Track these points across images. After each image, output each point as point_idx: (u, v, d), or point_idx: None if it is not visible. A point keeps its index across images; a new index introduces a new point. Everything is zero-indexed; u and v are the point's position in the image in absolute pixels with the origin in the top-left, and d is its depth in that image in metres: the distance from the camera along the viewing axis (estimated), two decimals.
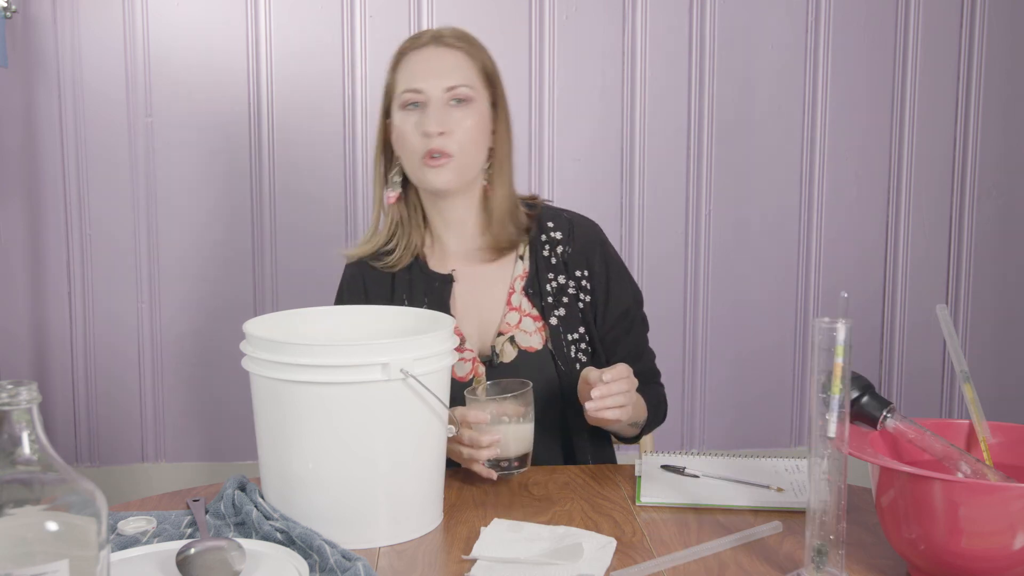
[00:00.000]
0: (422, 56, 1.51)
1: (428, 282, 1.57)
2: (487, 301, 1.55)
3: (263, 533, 1.15)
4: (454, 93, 1.49)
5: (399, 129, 1.51)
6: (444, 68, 1.50)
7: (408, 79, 1.51)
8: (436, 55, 1.51)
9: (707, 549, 1.15)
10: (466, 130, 1.49)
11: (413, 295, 1.57)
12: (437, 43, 1.51)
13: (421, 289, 1.57)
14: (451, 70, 1.50)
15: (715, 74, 2.67)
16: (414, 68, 1.51)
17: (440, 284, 1.56)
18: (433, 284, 1.57)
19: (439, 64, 1.50)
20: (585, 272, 1.57)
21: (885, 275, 2.82)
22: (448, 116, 1.48)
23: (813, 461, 1.03)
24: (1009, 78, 2.78)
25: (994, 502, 0.98)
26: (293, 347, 1.15)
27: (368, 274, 1.60)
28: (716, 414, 2.79)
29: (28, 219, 2.50)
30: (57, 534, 0.77)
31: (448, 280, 1.57)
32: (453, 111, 1.49)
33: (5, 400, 0.77)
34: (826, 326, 1.01)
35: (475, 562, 1.12)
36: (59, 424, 2.58)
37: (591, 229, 1.61)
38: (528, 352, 1.53)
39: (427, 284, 1.57)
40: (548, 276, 1.56)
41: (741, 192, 2.72)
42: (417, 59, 1.52)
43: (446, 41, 1.52)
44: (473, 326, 1.55)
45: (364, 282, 1.60)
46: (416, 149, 1.49)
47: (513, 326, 1.54)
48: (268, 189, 2.56)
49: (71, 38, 2.46)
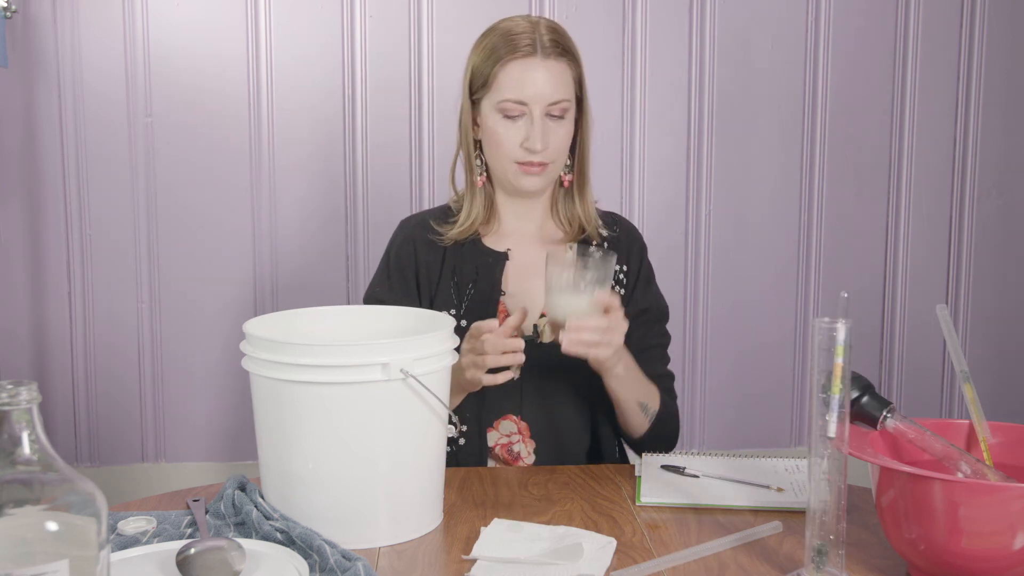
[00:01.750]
0: (528, 67, 1.51)
1: (481, 257, 1.59)
2: (537, 282, 1.56)
3: (263, 533, 1.15)
4: (557, 108, 1.52)
5: (496, 133, 1.53)
6: (550, 83, 1.51)
7: (512, 89, 1.51)
8: (543, 68, 1.51)
9: (707, 549, 1.15)
10: (560, 138, 1.53)
11: (464, 269, 1.59)
12: (544, 55, 1.51)
13: (473, 264, 1.59)
14: (556, 85, 1.51)
15: (715, 74, 2.67)
16: (520, 78, 1.51)
17: (494, 260, 1.59)
18: (487, 260, 1.59)
19: (545, 78, 1.51)
20: (624, 267, 1.63)
21: (885, 275, 2.82)
22: (549, 130, 1.52)
23: (813, 461, 1.03)
24: (1009, 78, 2.78)
25: (994, 502, 0.98)
26: (293, 347, 1.15)
27: (420, 240, 1.62)
28: (716, 414, 2.79)
29: (28, 219, 2.50)
30: (57, 534, 0.77)
31: (503, 258, 1.60)
32: (553, 124, 1.52)
33: (5, 400, 0.77)
34: (826, 326, 1.01)
35: (475, 562, 1.12)
36: (59, 424, 2.58)
37: (636, 231, 1.69)
38: None
39: (480, 259, 1.59)
40: None
41: (741, 192, 2.72)
42: (523, 69, 1.51)
43: (550, 51, 1.52)
44: (520, 304, 1.57)
45: (415, 248, 1.61)
46: (513, 156, 1.53)
47: None
48: (268, 189, 2.56)
49: (71, 38, 2.46)
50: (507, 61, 1.51)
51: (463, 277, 1.58)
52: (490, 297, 1.56)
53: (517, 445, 1.57)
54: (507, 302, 1.58)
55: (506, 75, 1.51)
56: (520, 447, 1.57)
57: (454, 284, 1.58)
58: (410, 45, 2.55)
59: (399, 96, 2.56)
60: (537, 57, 1.51)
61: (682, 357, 2.74)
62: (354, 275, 2.60)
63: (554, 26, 1.56)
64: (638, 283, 1.64)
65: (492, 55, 1.53)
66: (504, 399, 1.55)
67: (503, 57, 1.52)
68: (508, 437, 1.57)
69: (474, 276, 1.58)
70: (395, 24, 2.54)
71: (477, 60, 1.56)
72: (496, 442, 1.57)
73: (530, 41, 1.51)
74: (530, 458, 1.57)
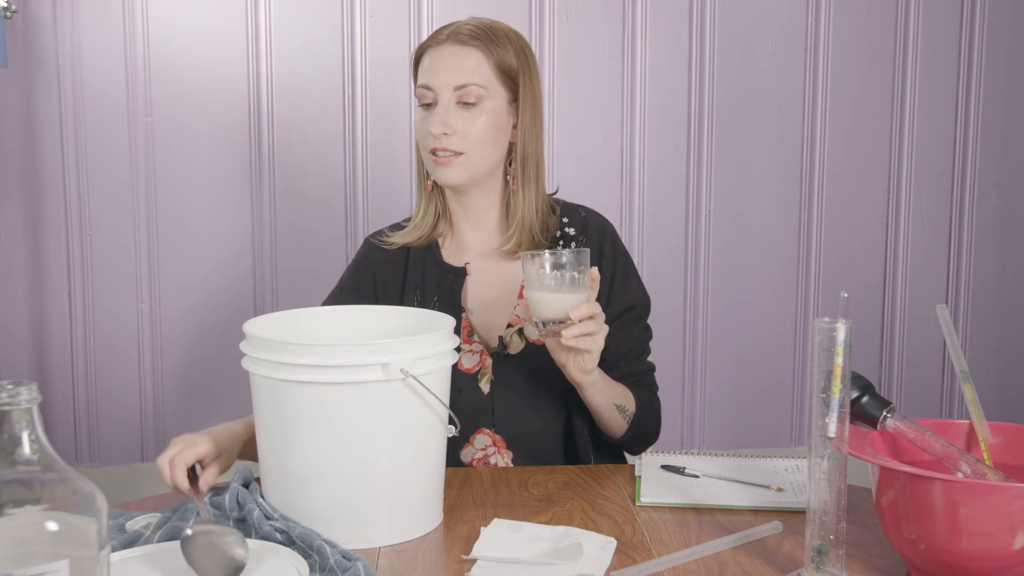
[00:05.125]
0: (437, 54, 1.51)
1: (441, 274, 1.58)
2: (499, 294, 1.56)
3: (263, 533, 1.15)
4: (462, 93, 1.49)
5: (415, 125, 1.54)
6: (455, 67, 1.49)
7: (422, 75, 1.52)
8: (450, 53, 1.50)
9: (707, 549, 1.15)
10: (476, 128, 1.49)
11: (426, 284, 1.58)
12: (453, 40, 1.50)
13: (434, 281, 1.58)
14: (462, 69, 1.49)
15: (715, 74, 2.67)
16: (428, 65, 1.52)
17: (453, 277, 1.58)
18: (446, 276, 1.58)
19: (451, 63, 1.49)
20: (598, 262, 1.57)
21: (885, 275, 2.82)
22: (456, 116, 1.48)
23: (813, 461, 1.03)
24: (1009, 78, 2.78)
25: (994, 502, 0.98)
26: (293, 347, 1.15)
27: (376, 257, 1.61)
28: (716, 414, 2.79)
29: (28, 219, 2.50)
30: (57, 534, 0.77)
31: (461, 273, 1.58)
32: (462, 111, 1.49)
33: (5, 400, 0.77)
34: (826, 326, 1.01)
35: (475, 562, 1.12)
36: (59, 424, 2.58)
37: (604, 226, 1.62)
38: (536, 344, 1.53)
39: (440, 276, 1.58)
40: None
41: (741, 192, 2.72)
42: (432, 56, 1.52)
43: (461, 39, 1.50)
44: (483, 318, 1.56)
45: (372, 265, 1.61)
46: (426, 146, 1.51)
47: (523, 319, 1.55)
48: (268, 189, 2.56)
49: (71, 38, 2.46)
50: (424, 51, 1.53)
51: (426, 292, 1.57)
52: (452, 314, 1.54)
53: (494, 457, 1.55)
54: (471, 319, 1.56)
55: (422, 64, 1.53)
56: (496, 459, 1.55)
57: (417, 301, 1.57)
58: (410, 45, 2.55)
59: (399, 96, 2.56)
60: (447, 44, 1.51)
61: (682, 357, 2.74)
62: None
63: (485, 21, 1.54)
64: (615, 276, 1.58)
65: (418, 50, 1.55)
66: (477, 414, 1.54)
67: (423, 49, 1.54)
68: (484, 451, 1.55)
69: (435, 295, 1.57)
70: (395, 24, 2.54)
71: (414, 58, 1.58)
72: (472, 457, 1.55)
73: (448, 33, 1.52)
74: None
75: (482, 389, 1.54)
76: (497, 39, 1.52)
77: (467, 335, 1.55)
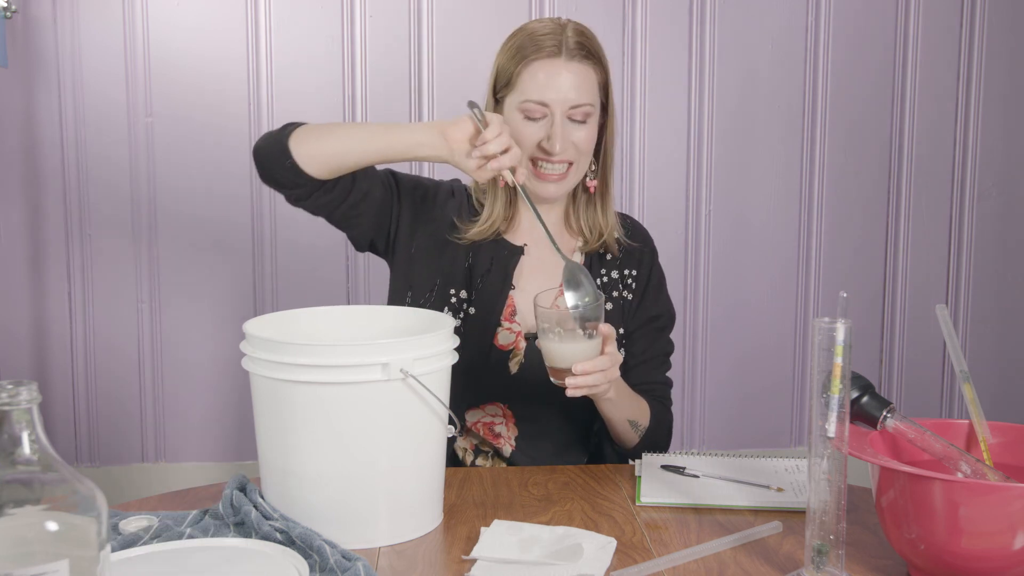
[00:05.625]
0: (551, 69, 1.49)
1: (498, 249, 1.59)
2: (549, 284, 1.56)
3: (263, 533, 1.15)
4: (579, 112, 1.50)
5: (516, 132, 1.50)
6: (572, 85, 1.49)
7: (535, 91, 1.50)
8: (565, 70, 1.49)
9: (707, 549, 1.15)
10: (581, 141, 1.52)
11: (480, 256, 1.58)
12: (568, 57, 1.50)
13: (489, 254, 1.58)
14: (579, 89, 1.50)
15: (715, 74, 2.67)
16: (543, 79, 1.49)
17: (509, 253, 1.59)
18: (502, 252, 1.59)
19: (567, 81, 1.49)
20: (634, 272, 1.62)
21: (885, 275, 2.82)
22: (569, 132, 1.50)
23: (813, 461, 1.03)
24: (1009, 78, 2.78)
25: (994, 502, 0.98)
26: (293, 347, 1.15)
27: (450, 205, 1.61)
28: (716, 414, 2.79)
29: (28, 219, 2.50)
30: (57, 534, 0.77)
31: (518, 251, 1.59)
32: (574, 127, 1.51)
33: (5, 400, 0.76)
34: (826, 326, 1.01)
35: (475, 562, 1.12)
36: (59, 424, 2.58)
37: (647, 236, 1.68)
38: None
39: (496, 251, 1.59)
40: (601, 271, 1.60)
41: (741, 191, 2.72)
42: (545, 70, 1.50)
43: (575, 54, 1.50)
44: (528, 302, 1.56)
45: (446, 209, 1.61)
46: (530, 154, 1.52)
47: None
48: (268, 189, 2.55)
49: (71, 38, 2.46)
50: (531, 61, 1.50)
51: (477, 264, 1.58)
52: (501, 289, 1.56)
53: (500, 427, 1.57)
54: (516, 296, 1.58)
55: (530, 76, 1.50)
56: (502, 428, 1.57)
57: (466, 268, 1.58)
58: (410, 45, 2.55)
59: (399, 96, 2.56)
60: (561, 59, 1.49)
61: (682, 357, 2.74)
62: (354, 275, 2.60)
63: (582, 29, 1.54)
64: (648, 289, 1.63)
65: (517, 55, 1.52)
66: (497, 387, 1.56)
67: (527, 57, 1.51)
68: (492, 417, 1.57)
69: (488, 266, 1.58)
70: (395, 24, 2.54)
71: (503, 59, 1.55)
72: (478, 420, 1.57)
73: (555, 42, 1.50)
74: (510, 442, 1.56)
75: (510, 368, 1.55)
76: (599, 52, 1.54)
77: (510, 314, 1.56)
